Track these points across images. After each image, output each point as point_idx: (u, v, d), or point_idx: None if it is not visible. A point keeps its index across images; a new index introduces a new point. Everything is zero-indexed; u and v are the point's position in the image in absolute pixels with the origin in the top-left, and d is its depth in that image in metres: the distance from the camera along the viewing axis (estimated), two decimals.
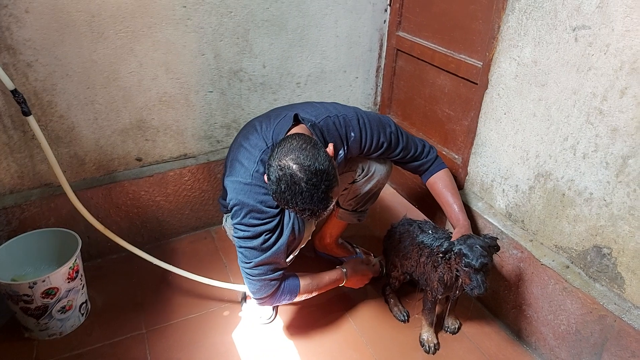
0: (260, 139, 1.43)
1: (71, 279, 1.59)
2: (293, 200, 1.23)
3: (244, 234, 1.37)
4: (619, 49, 1.19)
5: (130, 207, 1.96)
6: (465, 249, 1.38)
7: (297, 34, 2.01)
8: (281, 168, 1.22)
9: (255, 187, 1.36)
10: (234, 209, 1.38)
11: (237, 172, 1.40)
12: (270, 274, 1.41)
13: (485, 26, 1.63)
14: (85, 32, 1.63)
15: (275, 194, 1.26)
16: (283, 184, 1.22)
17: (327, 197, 1.26)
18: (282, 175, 1.22)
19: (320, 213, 1.28)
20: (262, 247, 1.37)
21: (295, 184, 1.21)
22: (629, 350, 1.30)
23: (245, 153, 1.42)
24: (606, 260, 1.35)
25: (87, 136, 1.79)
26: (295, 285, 1.50)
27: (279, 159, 1.23)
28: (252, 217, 1.35)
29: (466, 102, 1.81)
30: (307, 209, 1.25)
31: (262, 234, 1.36)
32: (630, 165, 1.23)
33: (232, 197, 1.38)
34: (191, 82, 1.88)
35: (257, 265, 1.39)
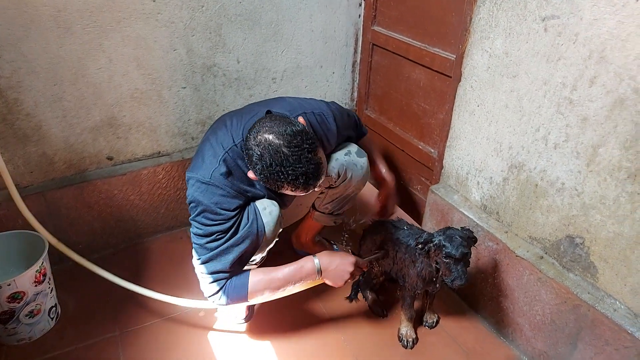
0: (228, 135, 1.40)
1: (38, 282, 1.55)
2: (283, 170, 1.20)
3: (195, 231, 1.36)
4: (587, 38, 1.20)
5: (103, 207, 1.92)
6: (444, 239, 1.38)
7: (272, 28, 1.98)
8: (258, 143, 1.21)
9: (212, 187, 1.33)
10: (190, 205, 1.36)
11: (197, 168, 1.37)
12: (215, 275, 1.37)
13: (457, 19, 1.63)
14: (51, 27, 1.58)
15: (263, 174, 1.23)
16: (267, 157, 1.20)
17: (315, 158, 1.23)
18: (262, 150, 1.20)
19: (317, 177, 1.25)
20: (211, 246, 1.34)
21: (278, 152, 1.19)
22: (602, 339, 1.31)
23: (210, 149, 1.39)
24: (579, 249, 1.36)
25: (55, 134, 1.74)
26: (243, 282, 1.38)
27: (253, 138, 1.23)
28: (205, 216, 1.33)
29: (441, 96, 1.80)
30: (300, 175, 1.21)
31: (213, 234, 1.34)
32: (600, 154, 1.24)
33: (189, 193, 1.36)
34: (163, 77, 1.85)
35: (203, 263, 1.37)
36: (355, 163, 1.63)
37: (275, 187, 1.27)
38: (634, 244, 1.21)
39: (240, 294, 1.39)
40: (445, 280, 1.42)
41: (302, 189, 1.26)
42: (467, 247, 1.39)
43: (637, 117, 1.13)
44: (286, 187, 1.26)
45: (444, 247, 1.38)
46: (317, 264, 1.42)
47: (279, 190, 1.29)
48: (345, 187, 1.68)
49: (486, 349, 1.63)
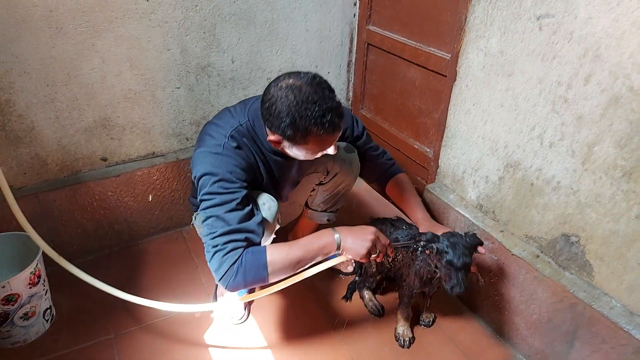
0: (233, 118, 1.41)
1: (33, 284, 1.53)
2: (310, 107, 1.20)
3: (211, 202, 1.29)
4: (582, 37, 1.20)
5: (96, 209, 1.90)
6: (448, 246, 1.36)
7: (266, 28, 1.97)
8: (280, 88, 1.23)
9: (226, 157, 1.33)
10: (203, 178, 1.31)
11: (207, 144, 1.36)
12: (233, 244, 1.26)
13: (452, 18, 1.63)
14: (43, 27, 1.57)
15: (289, 117, 1.21)
16: (291, 96, 1.21)
17: (335, 97, 1.26)
18: (286, 91, 1.22)
19: (341, 115, 1.26)
20: (228, 216, 1.28)
21: (302, 91, 1.21)
22: (599, 337, 1.31)
23: (216, 128, 1.39)
24: (575, 248, 1.36)
25: (48, 136, 1.73)
26: (260, 251, 1.27)
27: (274, 87, 1.25)
28: (221, 185, 1.30)
29: (436, 95, 1.80)
30: (327, 111, 1.22)
31: (231, 202, 1.29)
32: (595, 152, 1.24)
33: (200, 168, 1.33)
34: (157, 78, 1.83)
35: (221, 235, 1.26)
36: (344, 158, 1.63)
37: (303, 132, 1.24)
38: (630, 242, 1.21)
39: (259, 264, 1.25)
40: (445, 287, 1.39)
41: (330, 128, 1.24)
42: (470, 255, 1.37)
43: (632, 116, 1.13)
44: (313, 129, 1.23)
45: (447, 253, 1.35)
46: (334, 231, 1.33)
47: (306, 138, 1.25)
48: (336, 183, 1.68)
49: (483, 348, 1.63)
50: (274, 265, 1.26)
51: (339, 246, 1.32)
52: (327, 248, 1.31)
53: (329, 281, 1.90)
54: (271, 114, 1.25)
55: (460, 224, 1.70)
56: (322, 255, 1.32)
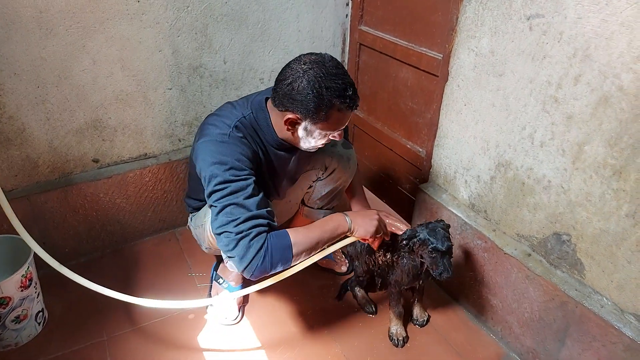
0: (237, 110, 1.42)
1: (24, 287, 1.52)
2: (332, 79, 1.24)
3: (227, 191, 1.27)
4: (572, 37, 1.20)
5: (88, 211, 1.89)
6: (428, 234, 1.41)
7: (258, 28, 1.97)
8: (304, 63, 1.27)
9: (233, 145, 1.32)
10: (212, 167, 1.29)
11: (210, 133, 1.35)
12: (258, 229, 1.25)
13: (444, 18, 1.63)
14: (33, 28, 1.56)
15: (315, 88, 1.24)
16: (313, 71, 1.25)
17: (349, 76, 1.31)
18: (309, 67, 1.25)
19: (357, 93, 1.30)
20: (247, 202, 1.27)
21: (324, 64, 1.26)
22: (590, 335, 1.32)
23: (219, 118, 1.39)
24: (566, 246, 1.37)
25: (39, 137, 1.72)
26: (283, 234, 1.29)
27: (296, 65, 1.28)
28: (232, 174, 1.28)
29: (428, 95, 1.81)
30: (348, 85, 1.27)
31: (246, 188, 1.28)
32: (585, 151, 1.25)
33: (207, 158, 1.30)
34: (149, 79, 1.83)
35: (245, 220, 1.24)
36: (342, 154, 1.64)
37: (327, 105, 1.27)
38: (620, 240, 1.22)
39: (285, 245, 1.27)
40: (433, 274, 1.43)
41: (351, 102, 1.28)
42: (450, 239, 1.42)
43: (622, 115, 1.14)
44: (337, 102, 1.27)
45: (430, 242, 1.40)
46: (344, 214, 1.41)
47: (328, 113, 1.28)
48: (333, 180, 1.69)
49: (476, 347, 1.64)
50: (297, 246, 1.29)
51: (349, 227, 1.39)
52: (340, 228, 1.39)
53: (322, 281, 1.90)
54: (294, 89, 1.26)
55: (453, 224, 1.71)
56: (336, 235, 1.38)
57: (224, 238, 1.26)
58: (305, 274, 1.52)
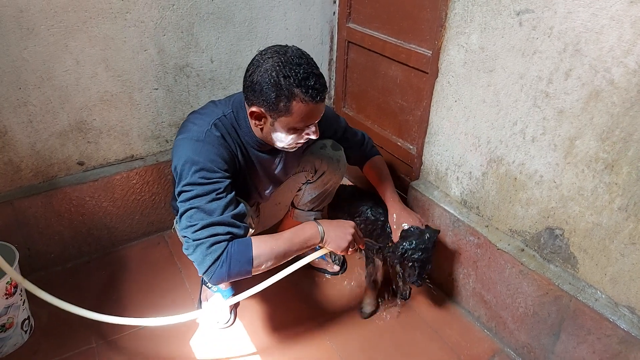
0: (218, 108, 1.39)
1: (9, 294, 1.48)
2: (295, 69, 1.19)
3: (192, 194, 1.24)
4: (562, 31, 1.20)
5: (74, 215, 1.85)
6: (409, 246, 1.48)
7: (245, 27, 1.94)
8: (264, 52, 1.24)
9: (208, 146, 1.28)
10: (184, 167, 1.25)
11: (188, 131, 1.32)
12: (216, 237, 1.22)
13: (432, 14, 1.63)
14: (13, 28, 1.51)
15: (273, 79, 1.19)
16: (276, 58, 1.21)
17: (317, 67, 1.25)
18: (271, 53, 1.22)
19: (324, 84, 1.24)
20: (210, 207, 1.24)
21: (285, 53, 1.22)
22: (584, 329, 1.32)
23: (200, 116, 1.37)
24: (559, 241, 1.37)
25: (21, 140, 1.67)
26: (246, 244, 1.24)
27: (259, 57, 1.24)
28: (202, 175, 1.25)
29: (418, 92, 1.80)
30: (311, 76, 1.20)
31: (212, 193, 1.25)
32: (577, 146, 1.25)
33: (181, 155, 1.27)
34: (134, 79, 1.79)
35: (203, 227, 1.22)
36: (331, 156, 1.62)
37: (287, 95, 1.20)
38: (613, 233, 1.22)
39: (245, 258, 1.23)
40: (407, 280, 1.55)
41: (314, 93, 1.21)
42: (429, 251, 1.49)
43: (613, 109, 1.14)
44: (297, 92, 1.20)
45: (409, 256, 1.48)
46: (317, 224, 1.36)
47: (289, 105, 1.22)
48: (323, 182, 1.67)
49: (470, 343, 1.64)
50: (259, 259, 1.24)
51: (322, 239, 1.34)
52: (312, 240, 1.33)
53: (314, 281, 1.89)
54: (254, 80, 1.22)
55: (445, 220, 1.71)
56: (307, 247, 1.33)
57: (185, 241, 1.26)
58: (297, 275, 1.50)
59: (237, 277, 1.25)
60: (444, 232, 1.73)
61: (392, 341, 1.64)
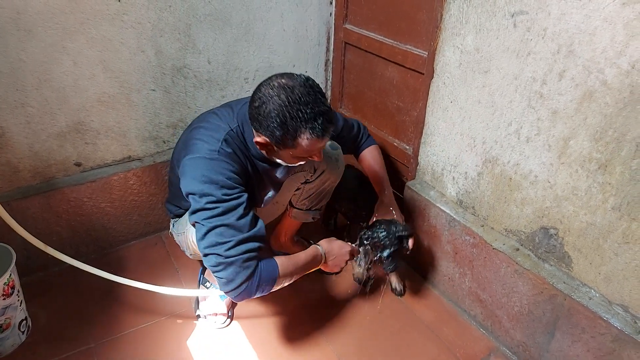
0: (223, 122, 1.37)
1: (7, 295, 1.48)
2: (302, 109, 1.18)
3: (217, 211, 1.24)
4: (555, 33, 1.22)
5: (72, 216, 1.85)
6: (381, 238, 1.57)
7: (242, 28, 1.95)
8: (273, 87, 1.21)
9: (223, 163, 1.29)
10: (204, 186, 1.25)
11: (198, 149, 1.31)
12: (249, 254, 1.26)
13: (428, 16, 1.64)
14: (11, 30, 1.52)
15: (279, 118, 1.19)
16: (283, 95, 1.19)
17: (327, 102, 1.24)
18: (278, 91, 1.20)
19: (331, 121, 1.24)
20: (240, 223, 1.26)
21: (294, 91, 1.19)
22: (579, 327, 1.34)
23: (206, 132, 1.35)
24: (553, 240, 1.39)
25: (19, 142, 1.67)
26: (273, 265, 1.32)
27: (265, 88, 1.22)
28: (224, 193, 1.25)
29: (414, 93, 1.81)
30: (319, 115, 1.20)
31: (237, 208, 1.26)
32: (571, 146, 1.26)
33: (196, 176, 1.27)
34: (132, 80, 1.79)
35: (237, 244, 1.24)
36: (330, 156, 1.63)
37: (292, 134, 1.21)
38: (606, 233, 1.24)
39: (272, 277, 1.31)
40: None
41: (320, 132, 1.22)
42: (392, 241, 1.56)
43: (606, 109, 1.15)
44: (304, 132, 1.21)
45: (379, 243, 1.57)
46: (322, 253, 1.49)
47: (294, 141, 1.23)
48: (322, 181, 1.68)
49: (467, 342, 1.65)
50: (281, 280, 1.34)
51: (323, 261, 1.49)
52: (317, 265, 1.48)
53: (312, 281, 1.89)
54: (260, 114, 1.22)
55: (441, 220, 1.72)
56: (311, 270, 1.47)
57: (213, 258, 1.25)
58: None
59: (258, 295, 1.31)
60: (440, 232, 1.74)
61: (390, 341, 1.65)
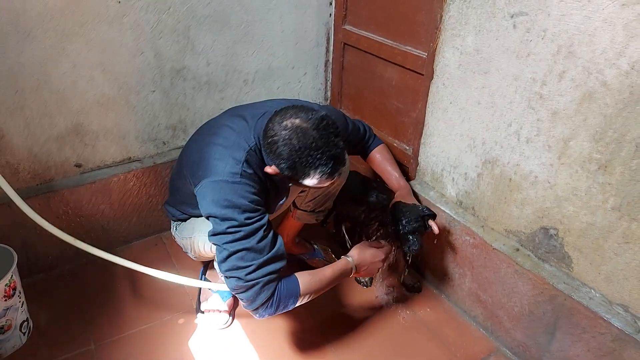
0: (240, 137, 1.34)
1: (8, 296, 1.48)
2: (312, 153, 1.17)
3: (240, 235, 1.25)
4: (555, 34, 1.22)
5: (71, 217, 1.85)
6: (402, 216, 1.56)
7: (241, 29, 1.95)
8: (285, 127, 1.19)
9: (245, 186, 1.28)
10: (226, 211, 1.25)
11: (216, 172, 1.29)
12: (269, 276, 1.28)
13: (428, 17, 1.64)
14: (9, 32, 1.51)
15: (291, 160, 1.19)
16: (295, 140, 1.18)
17: (340, 143, 1.23)
18: (290, 133, 1.18)
19: (343, 162, 1.24)
20: (260, 246, 1.26)
21: (307, 135, 1.18)
22: (579, 327, 1.34)
23: (225, 151, 1.32)
24: (553, 240, 1.39)
25: (18, 144, 1.67)
26: (294, 283, 1.34)
27: (279, 124, 1.21)
28: (246, 217, 1.25)
29: (414, 94, 1.81)
30: (329, 159, 1.19)
31: (259, 231, 1.27)
32: (571, 147, 1.27)
33: (218, 200, 1.26)
34: (131, 82, 1.79)
35: (258, 268, 1.25)
36: None
37: (301, 175, 1.23)
38: (606, 233, 1.24)
39: (293, 295, 1.33)
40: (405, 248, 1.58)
41: (329, 174, 1.23)
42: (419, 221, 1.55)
43: (606, 110, 1.16)
44: (313, 174, 1.22)
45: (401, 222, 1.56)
46: (352, 267, 1.48)
47: (302, 180, 1.24)
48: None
49: (468, 342, 1.66)
50: (303, 297, 1.35)
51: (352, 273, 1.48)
52: (344, 278, 1.48)
53: None
54: (272, 151, 1.22)
55: (442, 221, 1.72)
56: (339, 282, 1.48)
57: (234, 281, 1.28)
58: None
59: (282, 312, 1.34)
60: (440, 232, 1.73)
61: (390, 341, 1.66)
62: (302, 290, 1.34)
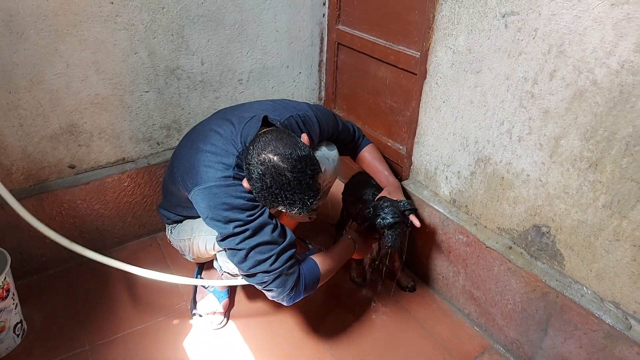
0: (229, 144, 1.35)
1: (2, 298, 1.48)
2: (282, 194, 1.19)
3: (250, 232, 1.27)
4: (546, 33, 1.23)
5: (65, 218, 1.85)
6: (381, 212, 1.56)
7: (235, 29, 1.96)
8: (262, 162, 1.19)
9: (239, 187, 1.29)
10: (227, 213, 1.27)
11: (208, 179, 1.30)
12: (291, 261, 1.32)
13: (421, 16, 1.65)
14: (3, 32, 1.51)
15: (261, 193, 1.22)
16: (268, 178, 1.18)
17: (315, 184, 1.23)
18: (265, 170, 1.18)
19: (311, 203, 1.24)
20: (274, 236, 1.29)
21: (281, 175, 1.18)
22: (571, 324, 1.35)
23: (214, 158, 1.33)
24: (545, 238, 1.40)
25: (12, 144, 1.67)
26: (313, 265, 1.40)
27: (257, 155, 1.20)
28: (248, 215, 1.27)
29: (407, 93, 1.82)
30: (297, 201, 1.21)
31: (267, 224, 1.29)
32: (562, 145, 1.28)
33: (216, 206, 1.27)
34: (125, 82, 1.79)
35: (278, 256, 1.29)
36: (327, 157, 1.64)
37: (269, 206, 1.27)
38: (597, 230, 1.25)
39: (315, 276, 1.39)
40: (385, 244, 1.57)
41: (296, 212, 1.26)
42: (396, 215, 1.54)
43: (596, 109, 1.17)
44: (283, 209, 1.26)
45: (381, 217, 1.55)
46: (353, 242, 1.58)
47: (277, 211, 1.31)
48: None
49: (461, 340, 1.67)
50: (323, 278, 1.42)
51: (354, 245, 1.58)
52: (351, 254, 1.58)
53: None
54: (249, 176, 1.24)
55: (435, 219, 1.73)
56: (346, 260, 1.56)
57: (260, 276, 1.31)
58: None
59: (305, 295, 1.39)
60: (434, 230, 1.75)
61: (385, 339, 1.66)
62: (321, 270, 1.40)
